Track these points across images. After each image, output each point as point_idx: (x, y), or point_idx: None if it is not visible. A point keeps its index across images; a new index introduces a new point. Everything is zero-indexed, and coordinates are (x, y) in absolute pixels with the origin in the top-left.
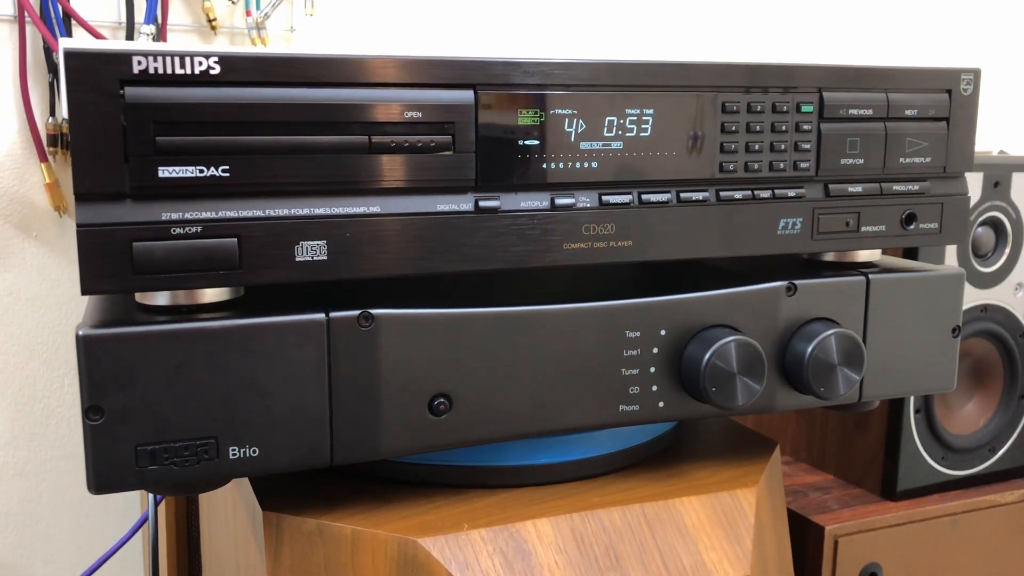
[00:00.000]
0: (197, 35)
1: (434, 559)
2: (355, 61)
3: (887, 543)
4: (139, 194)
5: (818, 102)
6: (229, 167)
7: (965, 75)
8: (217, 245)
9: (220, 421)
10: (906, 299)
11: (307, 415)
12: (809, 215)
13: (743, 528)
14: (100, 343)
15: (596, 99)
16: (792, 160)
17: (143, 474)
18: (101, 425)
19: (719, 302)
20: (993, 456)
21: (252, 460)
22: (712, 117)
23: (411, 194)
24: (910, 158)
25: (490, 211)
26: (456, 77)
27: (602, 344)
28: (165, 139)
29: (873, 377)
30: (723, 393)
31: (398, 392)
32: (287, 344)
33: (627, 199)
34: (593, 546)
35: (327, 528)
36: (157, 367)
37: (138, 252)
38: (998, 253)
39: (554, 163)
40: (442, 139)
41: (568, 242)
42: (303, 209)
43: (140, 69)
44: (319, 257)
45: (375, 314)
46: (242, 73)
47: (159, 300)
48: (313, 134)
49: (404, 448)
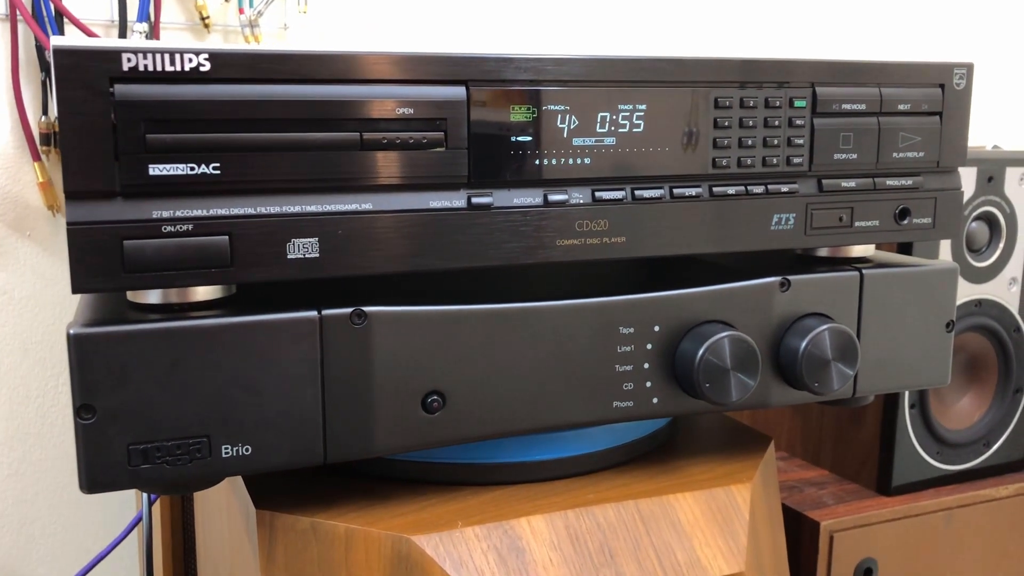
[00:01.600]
0: (190, 33)
1: (428, 557)
2: (346, 57)
3: (882, 538)
4: (130, 192)
5: (811, 97)
6: (220, 164)
7: (958, 69)
8: (208, 243)
9: (213, 420)
10: (900, 294)
11: (300, 413)
12: (802, 210)
13: (738, 524)
14: (91, 342)
15: (589, 95)
16: (785, 155)
17: (136, 473)
18: (93, 424)
19: (713, 298)
20: (988, 450)
21: (245, 459)
22: (705, 112)
23: (403, 191)
24: (903, 153)
25: (483, 208)
26: (448, 73)
27: (596, 340)
28: (155, 137)
29: (867, 372)
30: (717, 389)
31: (391, 389)
32: (279, 342)
33: (620, 195)
34: (587, 543)
35: (321, 526)
36: (149, 366)
37: (129, 250)
38: (992, 248)
39: (547, 159)
40: (434, 135)
41: (561, 238)
42: (295, 206)
43: (130, 66)
44: (311, 254)
45: (367, 311)
46: (232, 70)
47: (151, 298)
48: (304, 131)
49: (397, 446)
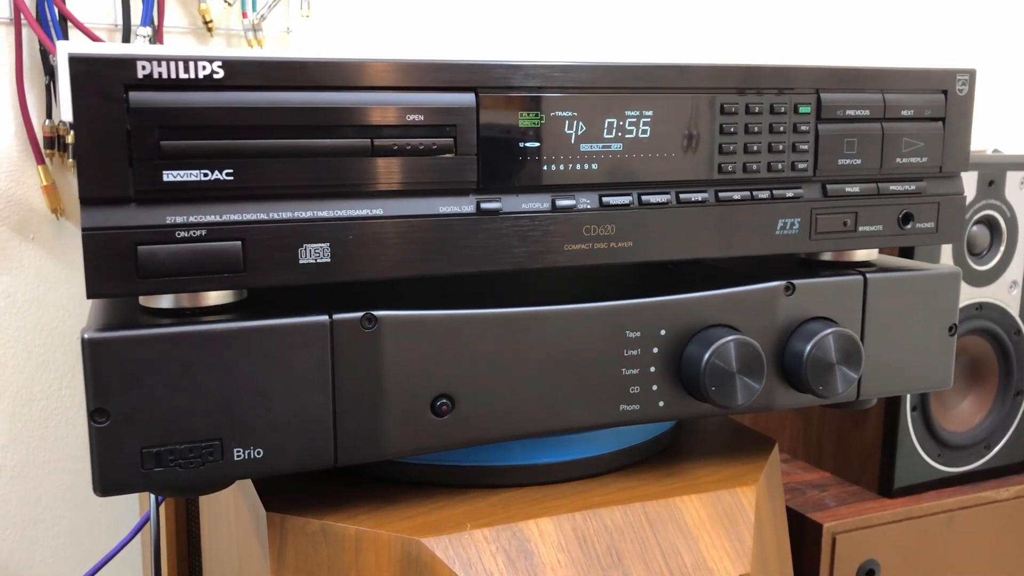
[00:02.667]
0: (193, 37)
1: (438, 559)
2: (357, 65)
3: (884, 540)
4: (144, 198)
5: (815, 103)
6: (233, 171)
7: (960, 75)
8: (221, 248)
9: (224, 423)
10: (903, 298)
11: (311, 416)
12: (807, 215)
13: (743, 526)
14: (105, 346)
15: (596, 101)
16: (790, 161)
17: (148, 476)
18: (107, 428)
19: (718, 302)
20: (989, 453)
21: (256, 461)
22: (710, 118)
23: (413, 196)
24: (907, 158)
25: (491, 213)
26: (457, 80)
27: (603, 344)
28: (169, 143)
29: (871, 375)
30: (723, 392)
31: (401, 393)
32: (291, 346)
33: (627, 200)
34: (595, 545)
35: (331, 528)
36: (162, 370)
37: (143, 255)
38: (993, 251)
39: (554, 165)
40: (444, 142)
41: (569, 243)
42: (306, 212)
43: (144, 74)
44: (322, 259)
45: (378, 315)
46: (245, 77)
47: (163, 303)
48: (316, 137)
49: (407, 449)
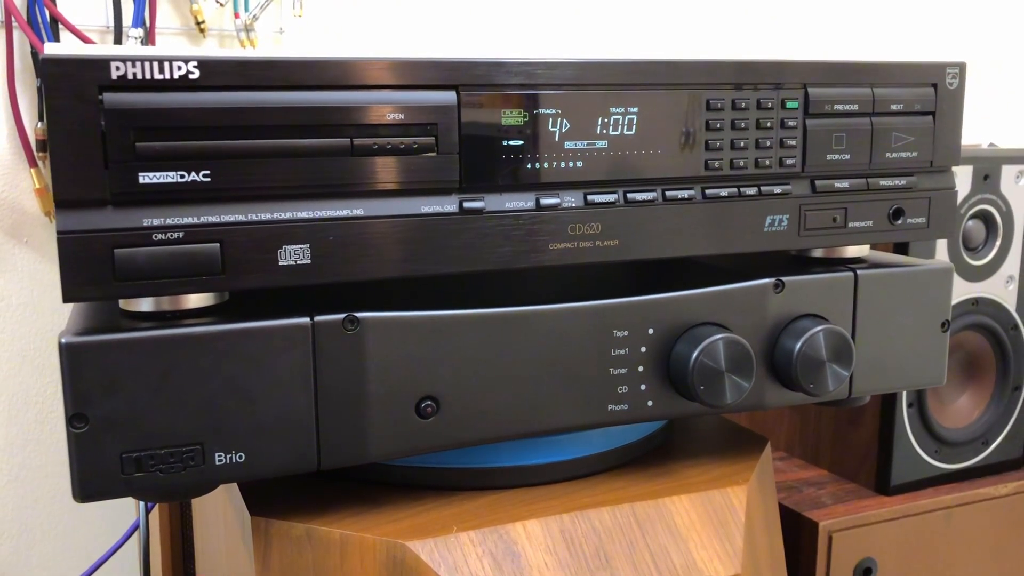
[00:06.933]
0: (186, 38)
1: (423, 562)
2: (336, 63)
3: (881, 538)
4: (120, 200)
5: (803, 98)
6: (210, 172)
7: (951, 69)
8: (199, 250)
9: (206, 427)
10: (895, 294)
11: (293, 420)
12: (796, 211)
13: (734, 526)
14: (83, 351)
15: (580, 98)
16: (778, 156)
17: (129, 481)
18: (86, 433)
19: (707, 300)
20: (987, 449)
21: (238, 466)
22: (697, 115)
23: (395, 196)
24: (896, 153)
25: (475, 212)
26: (438, 78)
27: (590, 344)
28: (145, 145)
29: (862, 373)
30: (712, 391)
31: (385, 395)
32: (272, 349)
33: (613, 198)
34: (583, 546)
35: (316, 532)
36: (141, 374)
37: (120, 259)
38: (988, 246)
39: (539, 163)
40: (425, 140)
41: (554, 242)
42: (285, 213)
43: (119, 75)
44: (302, 261)
45: (360, 317)
46: (222, 77)
47: (143, 306)
48: (294, 137)
49: (392, 451)
